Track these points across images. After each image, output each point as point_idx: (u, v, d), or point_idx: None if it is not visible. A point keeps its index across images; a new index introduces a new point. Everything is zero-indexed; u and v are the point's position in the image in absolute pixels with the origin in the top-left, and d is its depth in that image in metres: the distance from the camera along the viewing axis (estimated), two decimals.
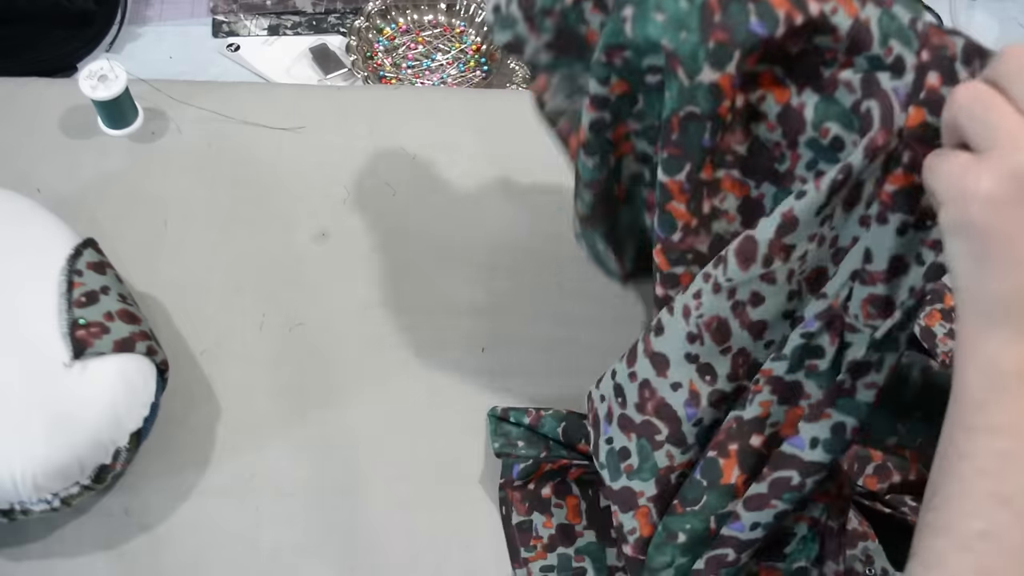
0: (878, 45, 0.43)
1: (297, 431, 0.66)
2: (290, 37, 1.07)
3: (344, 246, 0.75)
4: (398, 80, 1.04)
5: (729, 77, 0.43)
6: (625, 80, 0.47)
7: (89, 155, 0.78)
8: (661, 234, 0.50)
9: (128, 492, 0.62)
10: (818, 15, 0.42)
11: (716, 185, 0.50)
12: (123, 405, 0.57)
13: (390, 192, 0.79)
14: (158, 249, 0.74)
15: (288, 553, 0.61)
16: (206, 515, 0.62)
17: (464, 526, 0.64)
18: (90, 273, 0.60)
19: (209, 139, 0.80)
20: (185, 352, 0.69)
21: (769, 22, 0.42)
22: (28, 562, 0.59)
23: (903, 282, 0.45)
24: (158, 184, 0.77)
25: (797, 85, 0.46)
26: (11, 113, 0.80)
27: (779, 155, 0.49)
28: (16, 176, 0.76)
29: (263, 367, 0.69)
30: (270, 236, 0.75)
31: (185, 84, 0.85)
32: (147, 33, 1.06)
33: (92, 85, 0.75)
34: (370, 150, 0.81)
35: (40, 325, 0.57)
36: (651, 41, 0.44)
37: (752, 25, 0.42)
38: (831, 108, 0.45)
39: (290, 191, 0.78)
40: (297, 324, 0.71)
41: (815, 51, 0.44)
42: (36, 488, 0.54)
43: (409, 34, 1.08)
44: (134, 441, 0.58)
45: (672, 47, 0.43)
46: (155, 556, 0.60)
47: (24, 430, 0.54)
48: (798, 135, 0.47)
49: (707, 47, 0.42)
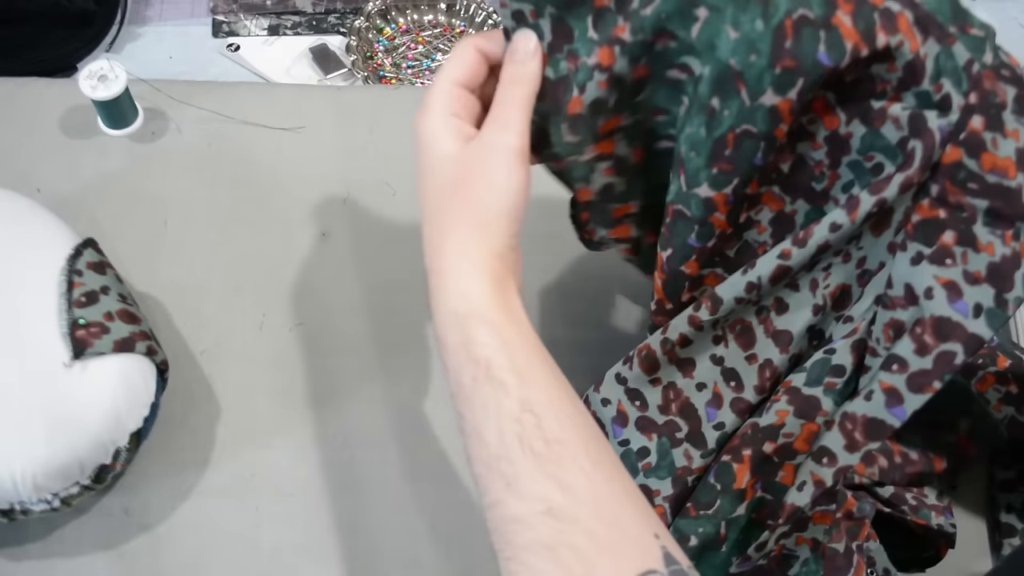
0: (929, 81, 0.43)
1: (297, 431, 0.66)
2: (290, 37, 1.07)
3: (344, 246, 0.75)
4: (398, 80, 1.04)
5: (790, 102, 0.43)
6: (648, 66, 0.46)
7: (89, 155, 0.78)
8: (697, 244, 0.50)
9: (128, 492, 0.62)
10: (884, 48, 0.42)
11: (756, 199, 0.51)
12: (123, 405, 0.57)
13: (390, 192, 0.79)
14: (158, 249, 0.74)
15: (288, 553, 0.61)
16: (206, 515, 0.62)
17: (464, 526, 0.64)
18: (90, 273, 0.60)
19: (209, 139, 0.80)
20: (185, 352, 0.69)
21: (836, 53, 0.41)
22: (28, 562, 0.59)
23: (912, 312, 0.45)
24: (158, 184, 0.77)
25: (847, 115, 0.46)
26: (11, 113, 0.80)
27: (819, 174, 0.49)
28: (16, 176, 0.76)
29: (263, 367, 0.69)
30: (270, 236, 0.75)
31: (185, 84, 0.85)
32: (147, 33, 1.06)
33: (92, 85, 0.75)
34: (370, 150, 0.81)
35: (40, 325, 0.57)
36: (715, 54, 0.43)
37: (820, 55, 0.41)
38: (877, 140, 0.45)
39: (290, 191, 0.78)
40: (297, 324, 0.71)
41: (868, 79, 0.44)
42: (36, 488, 0.54)
43: (409, 34, 1.08)
44: (134, 441, 0.58)
45: (740, 68, 0.42)
46: (155, 556, 0.60)
47: (24, 430, 0.54)
48: (842, 156, 0.47)
49: (774, 72, 0.42)
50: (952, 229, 0.44)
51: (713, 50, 0.43)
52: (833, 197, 0.49)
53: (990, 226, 0.44)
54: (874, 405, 0.46)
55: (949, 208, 0.44)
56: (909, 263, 0.45)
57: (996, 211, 0.43)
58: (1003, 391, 0.65)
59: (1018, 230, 0.43)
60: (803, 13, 0.41)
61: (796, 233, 0.47)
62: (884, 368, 0.46)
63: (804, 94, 0.43)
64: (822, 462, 0.49)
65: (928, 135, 0.42)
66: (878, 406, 0.46)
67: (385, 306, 0.73)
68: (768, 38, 0.42)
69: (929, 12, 0.43)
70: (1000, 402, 0.65)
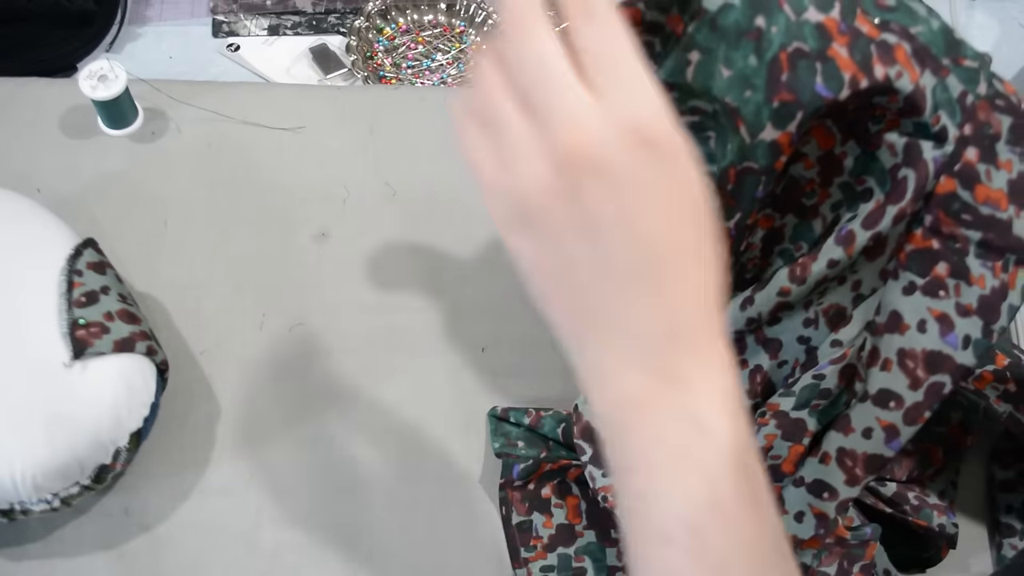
0: (929, 113, 0.43)
1: (297, 431, 0.66)
2: (290, 37, 1.07)
3: (344, 246, 0.75)
4: (398, 80, 1.04)
5: (789, 135, 0.43)
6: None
7: (89, 155, 0.78)
8: None
9: (128, 492, 0.62)
10: (883, 79, 0.42)
11: (754, 226, 0.51)
12: (123, 405, 0.57)
13: (390, 192, 0.79)
14: (158, 249, 0.74)
15: (288, 553, 0.61)
16: (206, 515, 0.62)
17: (464, 526, 0.64)
18: (90, 273, 0.60)
19: (209, 139, 0.80)
20: (185, 352, 0.69)
21: (834, 85, 0.41)
22: (28, 562, 0.59)
23: (895, 341, 0.46)
24: (158, 184, 0.77)
25: (843, 135, 0.46)
26: (11, 113, 0.80)
27: (810, 190, 0.49)
28: (16, 176, 0.75)
29: (263, 367, 0.69)
30: (270, 236, 0.75)
31: (185, 84, 0.85)
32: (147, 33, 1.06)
33: (92, 85, 0.74)
34: (370, 150, 0.81)
35: (40, 325, 0.57)
36: (711, 94, 0.43)
37: (818, 87, 0.41)
38: (871, 164, 0.46)
39: (290, 191, 0.78)
40: (297, 324, 0.71)
41: (869, 107, 0.44)
42: (36, 488, 0.54)
43: (409, 34, 1.08)
44: (134, 441, 0.58)
45: (736, 104, 0.42)
46: (155, 556, 0.60)
47: (24, 430, 0.54)
48: (834, 177, 0.47)
49: (771, 106, 0.42)
50: (945, 260, 0.45)
51: (709, 90, 0.43)
52: (822, 214, 0.49)
53: (982, 258, 0.44)
54: (874, 443, 0.48)
55: (942, 238, 0.45)
56: (901, 292, 0.45)
57: (988, 242, 0.44)
58: (1001, 389, 0.65)
59: (1007, 261, 0.44)
60: (798, 46, 0.41)
61: (794, 268, 0.48)
62: (880, 405, 0.47)
63: (803, 126, 0.43)
64: (823, 496, 0.50)
65: (922, 165, 0.43)
66: (878, 443, 0.47)
67: (385, 306, 0.73)
68: (763, 73, 0.41)
69: (924, 44, 0.43)
70: (999, 399, 0.65)
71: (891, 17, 0.43)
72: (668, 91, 0.44)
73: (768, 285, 0.49)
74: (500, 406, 0.66)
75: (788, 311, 0.51)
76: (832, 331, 0.50)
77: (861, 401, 0.47)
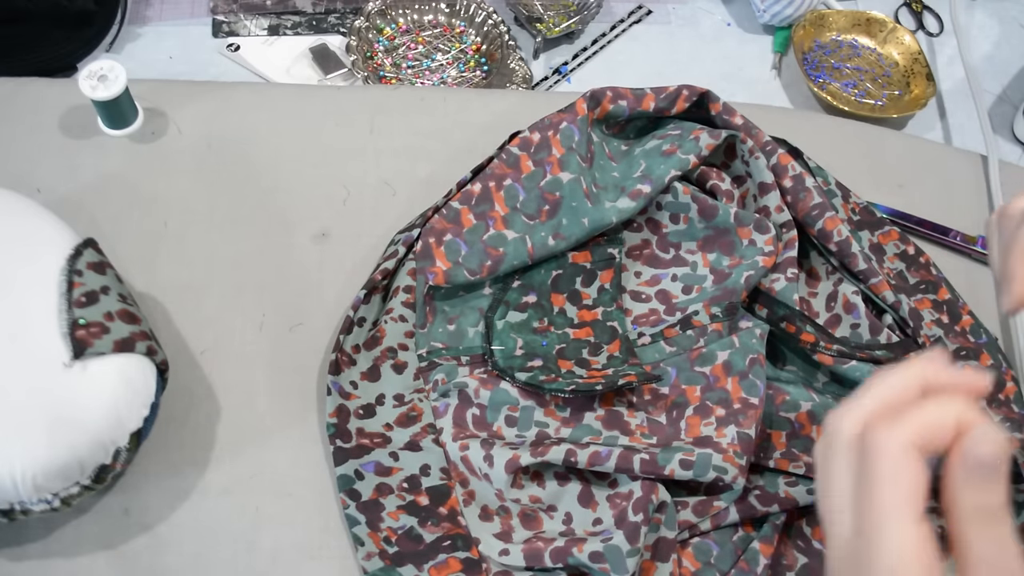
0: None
1: (297, 431, 0.66)
2: (290, 37, 1.07)
3: (344, 246, 0.75)
4: (398, 80, 1.04)
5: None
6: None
7: (89, 155, 0.78)
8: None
9: (128, 492, 0.62)
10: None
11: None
12: (123, 405, 0.57)
13: (390, 192, 0.79)
14: (158, 249, 0.74)
15: (288, 553, 0.61)
16: (206, 515, 0.62)
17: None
18: (90, 273, 0.60)
19: (209, 139, 0.80)
20: (185, 352, 0.69)
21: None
22: (28, 562, 0.59)
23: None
24: (158, 184, 0.77)
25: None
26: (11, 113, 0.80)
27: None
28: (16, 176, 0.76)
29: (263, 367, 0.69)
30: (270, 236, 0.75)
31: (185, 84, 0.85)
32: (147, 33, 1.06)
33: (92, 85, 0.74)
34: (370, 150, 0.81)
35: (40, 325, 0.57)
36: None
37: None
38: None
39: (290, 191, 0.78)
40: (297, 324, 0.71)
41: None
42: (36, 488, 0.54)
43: (409, 34, 1.08)
44: (134, 441, 0.58)
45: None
46: (155, 556, 0.60)
47: (24, 430, 0.54)
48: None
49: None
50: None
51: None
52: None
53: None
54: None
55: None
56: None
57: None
58: (935, 316, 0.72)
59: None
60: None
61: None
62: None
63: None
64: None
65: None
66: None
67: None
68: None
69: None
70: (932, 322, 0.72)
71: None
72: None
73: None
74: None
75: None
76: None
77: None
